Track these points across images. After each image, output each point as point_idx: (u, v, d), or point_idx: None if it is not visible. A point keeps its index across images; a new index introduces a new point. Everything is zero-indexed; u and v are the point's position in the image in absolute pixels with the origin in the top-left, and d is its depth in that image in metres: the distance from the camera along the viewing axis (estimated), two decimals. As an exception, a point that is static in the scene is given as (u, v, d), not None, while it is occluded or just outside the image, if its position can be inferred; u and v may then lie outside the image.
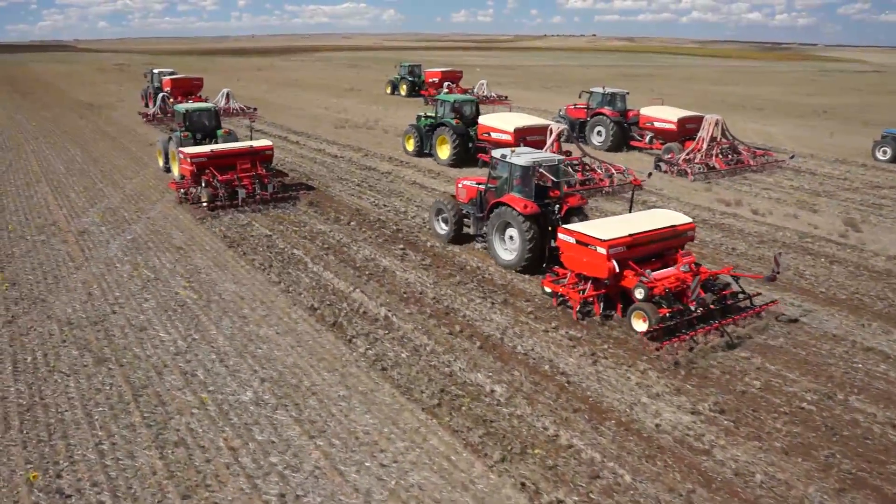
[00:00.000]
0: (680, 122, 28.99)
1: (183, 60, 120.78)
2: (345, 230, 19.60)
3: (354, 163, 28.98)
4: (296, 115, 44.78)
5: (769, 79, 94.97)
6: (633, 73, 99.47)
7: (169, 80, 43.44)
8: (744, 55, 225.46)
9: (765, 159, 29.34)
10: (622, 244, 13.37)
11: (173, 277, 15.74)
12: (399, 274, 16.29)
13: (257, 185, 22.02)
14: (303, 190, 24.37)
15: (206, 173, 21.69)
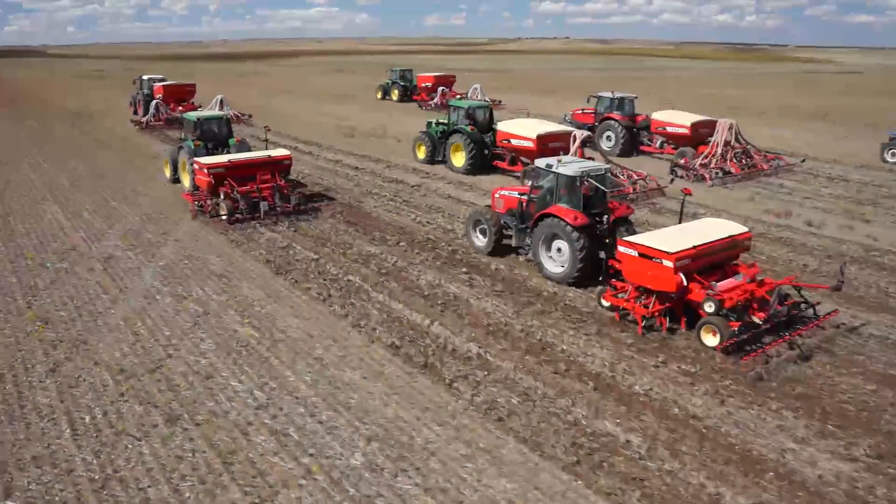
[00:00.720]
0: (693, 127, 28.51)
1: (163, 66, 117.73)
2: (396, 252, 18.08)
3: (379, 175, 27.42)
4: (298, 123, 43.04)
5: (757, 81, 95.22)
6: (625, 76, 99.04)
7: (161, 86, 41.89)
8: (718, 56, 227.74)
9: (776, 163, 28.87)
10: (688, 256, 12.86)
11: (225, 311, 14.08)
12: (473, 302, 14.84)
13: (278, 198, 20.78)
14: (324, 201, 22.90)
15: (224, 185, 20.53)
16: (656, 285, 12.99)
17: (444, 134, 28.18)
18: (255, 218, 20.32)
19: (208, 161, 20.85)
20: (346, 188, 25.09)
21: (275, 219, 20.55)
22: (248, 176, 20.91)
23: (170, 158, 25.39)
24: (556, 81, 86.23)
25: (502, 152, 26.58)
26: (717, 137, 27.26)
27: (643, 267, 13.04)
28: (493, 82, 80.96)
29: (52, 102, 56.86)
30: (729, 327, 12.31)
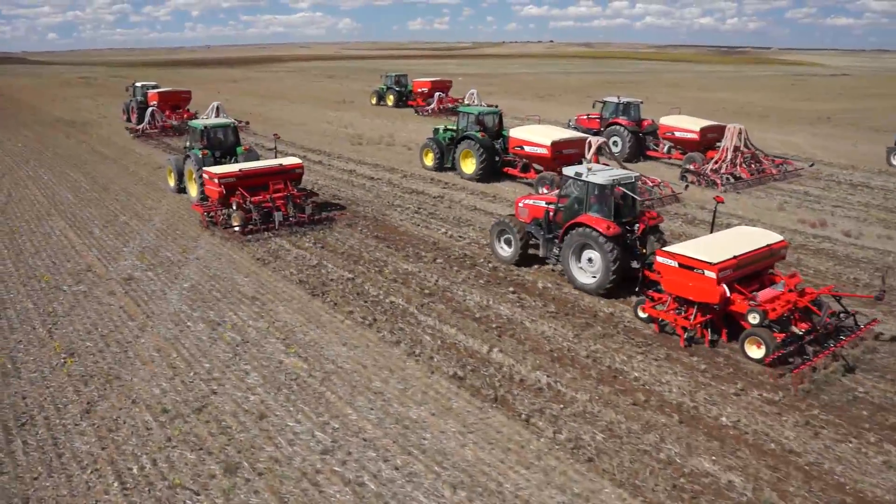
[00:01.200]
0: (702, 132, 28.19)
1: (150, 73, 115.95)
2: (435, 270, 17.13)
3: (397, 185, 26.45)
4: (301, 130, 41.94)
5: (749, 84, 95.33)
6: (618, 80, 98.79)
7: (155, 93, 40.96)
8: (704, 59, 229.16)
9: (784, 168, 28.57)
10: (730, 266, 12.60)
11: (266, 339, 13.06)
12: (529, 325, 13.94)
13: (291, 207, 20.22)
14: (347, 214, 21.90)
15: (236, 195, 19.93)
16: (698, 296, 12.63)
17: (453, 140, 27.69)
18: (269, 228, 19.65)
19: (219, 170, 20.11)
20: (367, 200, 24.09)
21: (290, 230, 19.92)
22: (259, 185, 20.32)
23: (174, 167, 24.45)
24: (553, 86, 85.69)
25: (513, 159, 26.07)
26: (726, 142, 26.96)
27: (684, 278, 12.71)
28: (488, 87, 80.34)
29: (43, 111, 55.27)
30: (774, 339, 11.98)
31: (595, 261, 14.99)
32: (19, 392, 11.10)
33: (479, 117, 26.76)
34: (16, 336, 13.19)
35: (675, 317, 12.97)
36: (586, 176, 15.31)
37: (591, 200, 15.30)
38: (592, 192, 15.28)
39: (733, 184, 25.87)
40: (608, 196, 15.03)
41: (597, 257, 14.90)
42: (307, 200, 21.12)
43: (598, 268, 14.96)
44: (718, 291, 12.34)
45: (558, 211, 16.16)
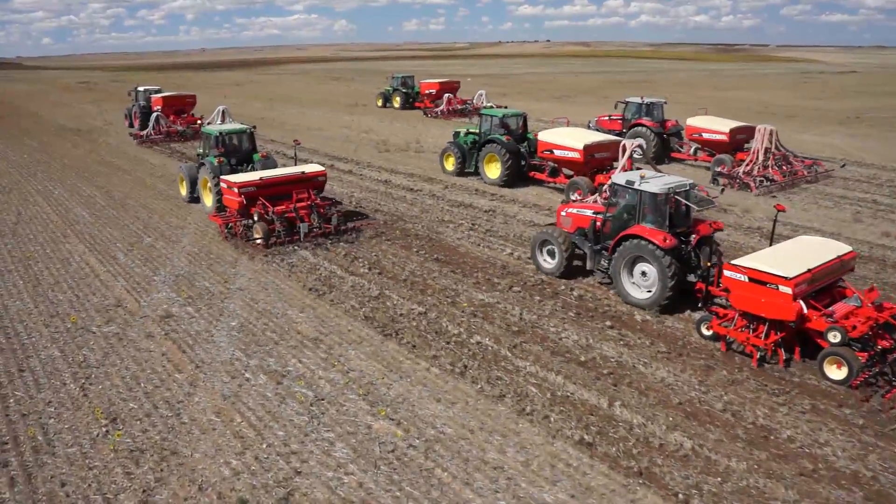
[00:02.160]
0: (731, 133, 27.12)
1: (150, 77, 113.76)
2: (514, 299, 15.07)
3: (441, 197, 24.35)
4: (321, 136, 39.83)
5: (760, 82, 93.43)
6: (629, 79, 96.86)
7: (160, 98, 39.56)
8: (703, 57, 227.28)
9: (815, 169, 27.23)
10: (805, 280, 11.80)
11: (344, 395, 10.98)
12: (644, 370, 11.90)
13: (315, 217, 19.13)
14: (396, 232, 19.80)
15: (257, 205, 18.77)
16: (771, 313, 11.80)
17: (475, 144, 26.47)
18: (294, 240, 18.58)
19: (238, 179, 18.91)
20: (413, 215, 21.99)
21: (314, 242, 18.84)
22: (281, 195, 19.21)
23: (186, 176, 23.10)
24: (565, 86, 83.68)
25: (541, 163, 24.83)
26: (757, 144, 25.86)
27: (755, 293, 11.90)
28: (498, 88, 78.43)
29: (45, 118, 53.07)
30: (858, 359, 11.17)
31: (650, 275, 14.13)
32: (56, 476, 9.01)
33: (503, 120, 25.52)
34: (44, 395, 11.09)
35: (747, 335, 12.09)
36: (639, 184, 14.35)
37: (645, 210, 14.43)
38: (646, 201, 14.36)
39: (767, 186, 24.85)
40: (663, 206, 14.14)
41: (652, 271, 14.03)
42: (332, 210, 19.78)
43: (652, 282, 14.11)
44: (794, 308, 11.52)
45: (606, 221, 15.30)
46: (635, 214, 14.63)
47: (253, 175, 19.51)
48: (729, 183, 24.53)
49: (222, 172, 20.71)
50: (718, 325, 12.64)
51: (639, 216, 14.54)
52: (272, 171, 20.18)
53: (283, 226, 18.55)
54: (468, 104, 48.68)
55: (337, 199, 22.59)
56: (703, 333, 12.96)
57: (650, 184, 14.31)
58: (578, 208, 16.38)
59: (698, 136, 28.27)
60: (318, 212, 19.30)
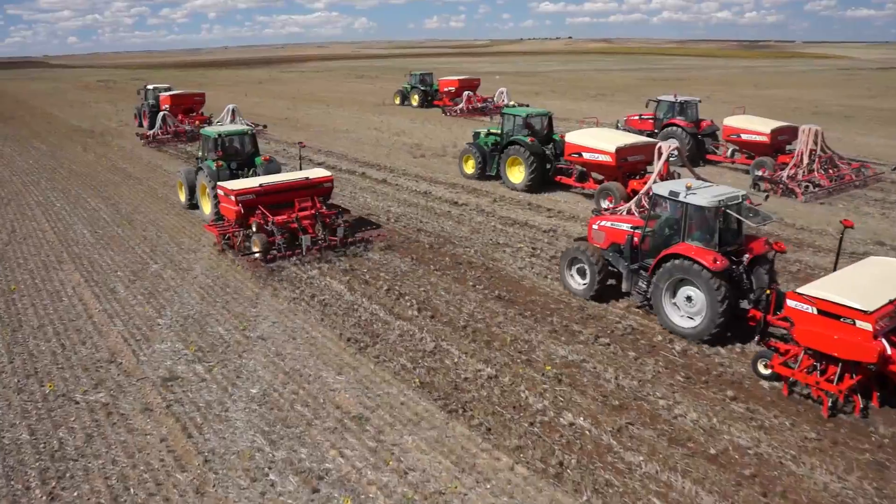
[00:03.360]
0: (773, 134, 25.03)
1: (171, 75, 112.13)
2: (603, 356, 11.91)
3: (491, 214, 21.19)
4: (349, 139, 36.85)
5: (801, 80, 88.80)
6: (664, 77, 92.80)
7: (167, 96, 38.45)
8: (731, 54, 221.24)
9: (863, 172, 25.01)
10: (888, 314, 9.96)
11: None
12: (794, 469, 8.76)
13: (320, 228, 17.38)
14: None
15: (256, 214, 17.19)
16: (846, 353, 9.97)
17: (497, 146, 24.63)
18: (296, 254, 16.72)
19: (236, 186, 17.27)
20: (462, 236, 18.87)
21: (321, 255, 16.85)
22: (283, 203, 17.57)
23: (185, 180, 21.48)
24: (600, 84, 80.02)
25: (568, 166, 23.02)
26: (801, 145, 23.87)
27: (826, 328, 10.11)
28: (530, 86, 75.26)
29: (59, 119, 50.83)
30: None
31: (696, 300, 12.32)
32: None
33: (526, 120, 23.59)
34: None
35: (815, 378, 10.24)
36: (684, 196, 12.50)
37: (691, 226, 12.67)
38: (693, 215, 12.57)
39: (814, 192, 22.62)
40: (712, 220, 12.34)
41: (699, 296, 12.24)
42: (338, 219, 17.87)
43: (699, 309, 12.27)
44: (875, 348, 9.65)
45: (646, 236, 13.45)
46: (679, 230, 12.84)
47: (252, 181, 17.77)
48: (772, 188, 22.62)
49: (221, 177, 19.09)
50: (780, 365, 10.70)
51: (683, 232, 12.72)
52: (273, 177, 18.41)
53: (284, 238, 16.75)
54: (488, 102, 46.92)
55: (343, 207, 20.35)
56: (761, 373, 11.06)
57: (697, 195, 12.41)
58: (612, 221, 14.54)
59: (736, 138, 26.17)
60: (324, 222, 17.50)
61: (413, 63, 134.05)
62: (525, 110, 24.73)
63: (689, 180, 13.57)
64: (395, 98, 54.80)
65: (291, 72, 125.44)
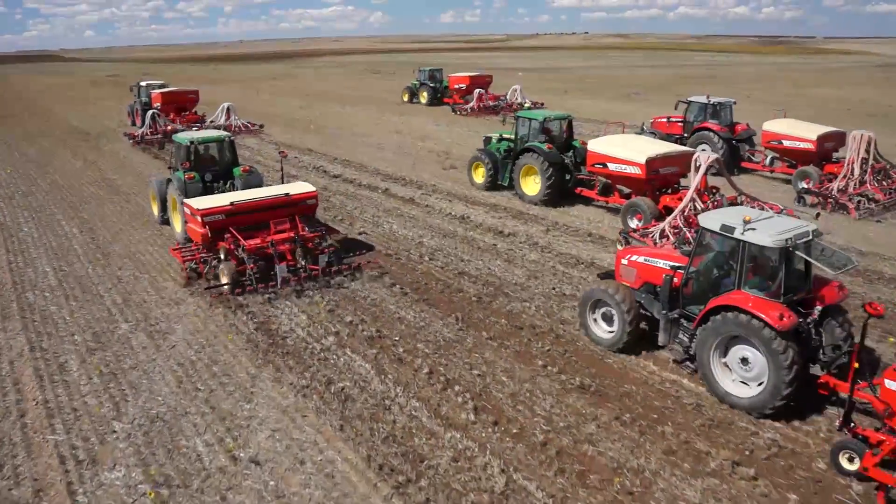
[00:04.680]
0: (819, 141, 22.27)
1: (184, 69, 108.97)
2: (743, 491, 7.90)
3: (546, 249, 17.19)
4: (369, 145, 32.94)
5: (840, 77, 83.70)
6: (691, 74, 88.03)
7: (158, 93, 36.14)
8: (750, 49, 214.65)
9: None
10: None
11: None
12: None
13: (300, 254, 14.70)
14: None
15: (226, 237, 14.65)
16: None
17: (510, 152, 22.05)
18: (270, 287, 14.16)
19: (203, 204, 14.80)
20: (517, 283, 14.88)
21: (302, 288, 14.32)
22: (259, 223, 15.12)
23: (157, 192, 19.12)
24: (629, 82, 75.54)
25: (590, 177, 20.53)
26: (851, 154, 21.18)
27: None
28: (553, 83, 71.24)
29: (58, 117, 47.42)
30: None
31: (754, 363, 9.75)
32: None
33: (543, 124, 21.10)
34: None
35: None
36: (742, 232, 9.80)
37: (749, 270, 9.98)
38: (752, 256, 9.94)
39: (869, 208, 19.96)
40: (777, 264, 9.76)
41: (758, 359, 9.66)
42: (324, 243, 15.30)
43: (758, 374, 9.75)
44: None
45: (690, 279, 10.82)
46: (734, 274, 10.11)
47: (222, 199, 15.22)
48: (820, 203, 20.04)
49: (191, 192, 16.90)
50: (875, 467, 7.94)
51: (740, 277, 9.98)
52: (248, 194, 15.68)
53: (256, 266, 14.23)
54: (501, 100, 44.24)
55: (331, 227, 17.74)
56: (843, 467, 8.47)
57: (759, 232, 9.70)
58: (646, 256, 11.70)
59: (777, 144, 23.52)
60: (306, 246, 14.94)
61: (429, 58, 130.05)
62: (542, 113, 21.76)
63: (745, 211, 10.65)
64: (403, 95, 51.87)
65: (306, 67, 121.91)
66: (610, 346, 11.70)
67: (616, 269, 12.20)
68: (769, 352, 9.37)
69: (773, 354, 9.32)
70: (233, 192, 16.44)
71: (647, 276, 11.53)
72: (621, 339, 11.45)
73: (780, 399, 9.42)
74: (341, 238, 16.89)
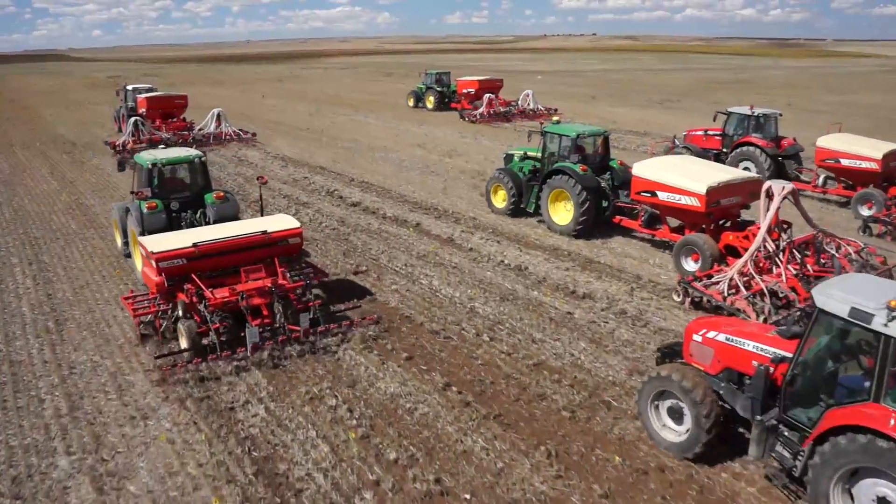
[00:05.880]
0: (884, 160, 19.79)
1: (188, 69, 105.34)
2: None
3: (640, 321, 13.01)
4: (389, 161, 28.87)
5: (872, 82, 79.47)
6: (718, 79, 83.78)
7: (143, 98, 33.58)
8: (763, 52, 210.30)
9: None
10: None
11: None
12: None
13: (280, 311, 11.55)
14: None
15: (187, 288, 11.51)
16: None
17: (536, 174, 19.25)
18: (239, 355, 11.13)
19: (159, 246, 11.79)
20: (617, 383, 10.69)
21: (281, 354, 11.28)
22: (229, 268, 12.27)
23: (119, 220, 16.04)
24: (656, 87, 71.33)
25: (633, 205, 17.46)
26: None
27: None
28: (571, 88, 67.33)
29: (46, 123, 43.58)
30: None
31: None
32: None
33: (576, 141, 18.16)
34: None
35: None
36: (885, 322, 6.50)
37: (893, 375, 6.55)
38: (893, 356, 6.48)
39: None
40: None
41: None
42: (306, 294, 12.45)
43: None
44: None
45: (796, 375, 7.52)
46: (869, 378, 6.84)
47: (184, 237, 12.24)
48: (889, 232, 17.70)
49: (151, 225, 13.97)
50: None
51: (878, 385, 6.67)
52: (216, 231, 12.66)
53: (223, 325, 11.34)
54: (512, 106, 42.04)
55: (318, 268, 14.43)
56: None
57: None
58: (730, 334, 8.55)
59: (834, 163, 20.96)
60: (288, 298, 12.00)
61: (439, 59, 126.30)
62: (574, 128, 18.84)
63: (880, 287, 7.24)
64: (408, 99, 49.25)
65: (314, 68, 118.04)
66: (680, 452, 8.65)
67: (685, 345, 9.09)
68: None
69: None
70: (199, 228, 13.61)
71: (730, 360, 8.55)
72: (696, 443, 8.38)
73: None
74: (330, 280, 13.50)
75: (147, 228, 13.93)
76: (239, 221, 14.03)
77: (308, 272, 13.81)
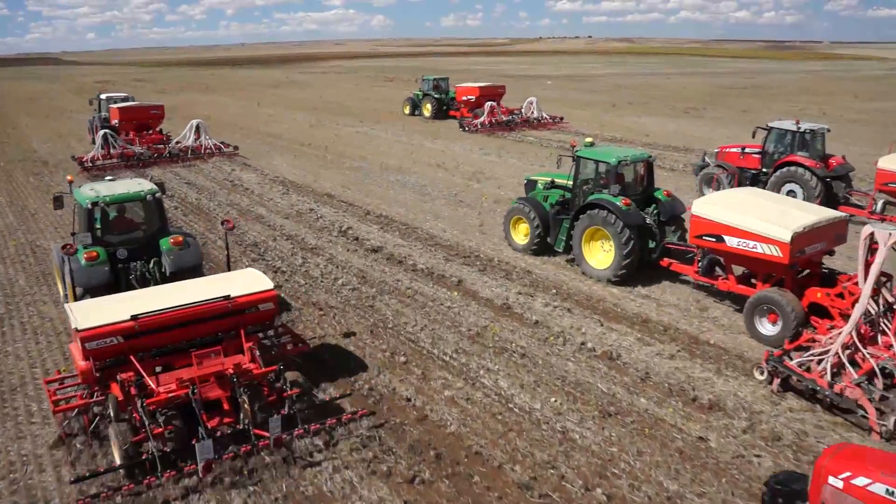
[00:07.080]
0: None
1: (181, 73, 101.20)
2: None
3: (805, 450, 9.02)
4: (407, 185, 24.89)
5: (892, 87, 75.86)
6: (731, 83, 79.98)
7: (116, 108, 30.74)
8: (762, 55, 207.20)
9: None
10: None
11: None
12: None
13: (245, 410, 8.41)
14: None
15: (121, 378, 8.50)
16: None
17: (565, 206, 16.26)
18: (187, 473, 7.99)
19: (89, 319, 8.59)
20: None
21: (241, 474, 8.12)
22: (179, 344, 9.20)
23: (59, 265, 12.38)
24: (674, 94, 67.51)
25: (685, 247, 14.60)
26: None
27: None
28: (584, 94, 63.62)
29: (20, 136, 39.57)
30: None
31: None
32: None
33: (617, 169, 14.90)
34: None
35: None
36: None
37: None
38: None
39: None
40: None
41: None
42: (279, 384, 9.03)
43: None
44: None
45: None
46: None
47: (120, 304, 9.11)
48: None
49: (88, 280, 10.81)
50: None
51: None
52: (165, 293, 9.58)
53: (170, 431, 8.29)
54: (516, 115, 39.34)
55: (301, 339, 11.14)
56: None
57: None
58: (890, 485, 5.42)
59: (894, 187, 19.25)
60: (258, 386, 9.00)
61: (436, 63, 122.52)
62: (613, 153, 15.63)
63: None
64: (404, 107, 46.39)
65: (311, 72, 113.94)
66: None
67: (812, 488, 6.16)
68: None
69: None
70: (144, 291, 10.18)
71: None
72: None
73: None
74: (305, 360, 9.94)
75: (85, 285, 10.77)
76: (199, 279, 10.74)
77: (285, 341, 10.45)
